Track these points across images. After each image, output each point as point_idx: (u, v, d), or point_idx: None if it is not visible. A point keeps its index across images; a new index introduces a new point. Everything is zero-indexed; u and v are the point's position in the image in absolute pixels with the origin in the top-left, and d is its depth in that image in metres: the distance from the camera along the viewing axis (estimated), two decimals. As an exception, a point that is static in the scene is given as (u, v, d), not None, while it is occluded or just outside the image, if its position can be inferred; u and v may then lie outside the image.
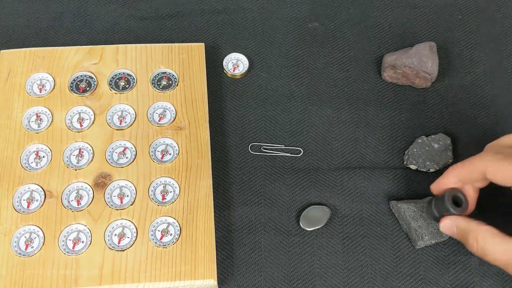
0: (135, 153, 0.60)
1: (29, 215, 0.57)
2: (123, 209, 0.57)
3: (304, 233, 0.61)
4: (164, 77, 0.65)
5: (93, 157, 0.60)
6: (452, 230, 0.54)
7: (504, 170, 0.51)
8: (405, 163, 0.64)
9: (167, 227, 0.57)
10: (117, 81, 0.65)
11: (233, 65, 0.70)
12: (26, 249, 0.55)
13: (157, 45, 0.67)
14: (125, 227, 0.57)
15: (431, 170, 0.63)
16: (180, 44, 0.67)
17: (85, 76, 0.65)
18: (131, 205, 0.58)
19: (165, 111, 0.63)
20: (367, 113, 0.68)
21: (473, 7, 0.75)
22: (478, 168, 0.53)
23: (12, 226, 0.56)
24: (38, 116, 0.62)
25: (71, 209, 0.57)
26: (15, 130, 0.61)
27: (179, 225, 0.57)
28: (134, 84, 0.64)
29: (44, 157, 0.60)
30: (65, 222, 0.57)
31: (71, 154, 0.60)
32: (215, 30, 0.73)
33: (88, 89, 0.64)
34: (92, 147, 0.60)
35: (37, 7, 0.74)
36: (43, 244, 0.55)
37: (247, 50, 0.71)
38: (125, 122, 0.62)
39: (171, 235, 0.57)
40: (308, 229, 0.60)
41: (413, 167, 0.64)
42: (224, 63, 0.70)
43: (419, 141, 0.64)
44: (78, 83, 0.64)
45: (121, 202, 0.58)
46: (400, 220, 0.60)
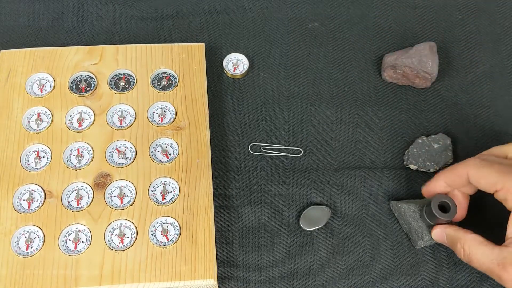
0: (135, 153, 0.60)
1: (29, 215, 0.57)
2: (123, 209, 0.57)
3: (304, 233, 0.61)
4: (164, 77, 0.65)
5: (93, 157, 0.60)
6: (442, 237, 0.56)
7: (485, 176, 0.52)
8: (405, 163, 0.64)
9: (167, 227, 0.57)
10: (117, 81, 0.65)
11: (233, 65, 0.70)
12: (26, 249, 0.55)
13: (157, 45, 0.67)
14: (125, 227, 0.57)
15: (431, 170, 0.63)
16: (180, 44, 0.67)
17: (85, 76, 0.65)
18: (131, 205, 0.58)
19: (165, 111, 0.63)
20: (367, 113, 0.68)
21: (473, 7, 0.75)
22: (462, 173, 0.54)
23: (12, 226, 0.56)
24: (38, 116, 0.62)
25: (71, 209, 0.57)
26: (15, 130, 0.61)
27: (179, 225, 0.57)
28: (134, 84, 0.64)
29: (44, 157, 0.60)
30: (65, 222, 0.57)
31: (71, 154, 0.60)
32: (215, 30, 0.73)
33: (88, 89, 0.64)
34: (92, 147, 0.60)
35: (37, 7, 0.74)
36: (43, 244, 0.55)
37: (247, 50, 0.71)
38: (125, 122, 0.62)
39: (171, 235, 0.57)
40: (308, 229, 0.60)
41: (413, 167, 0.64)
42: (224, 63, 0.70)
43: (419, 141, 0.64)
44: (78, 83, 0.64)
45: (121, 202, 0.58)
46: (400, 220, 0.60)
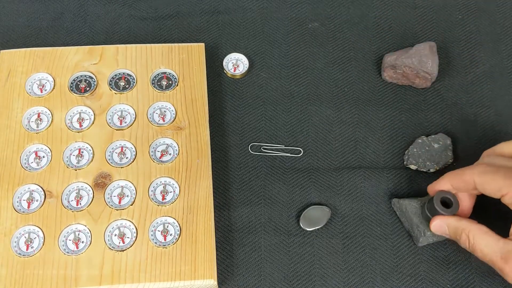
0: (135, 153, 0.60)
1: (29, 215, 0.57)
2: (123, 209, 0.57)
3: (304, 233, 0.61)
4: (164, 77, 0.65)
5: (93, 157, 0.60)
6: (442, 229, 0.55)
7: (491, 183, 0.52)
8: (405, 163, 0.64)
9: (167, 227, 0.57)
10: (117, 81, 0.65)
11: (233, 65, 0.70)
12: (26, 249, 0.55)
13: (157, 45, 0.67)
14: (125, 227, 0.57)
15: (431, 170, 0.63)
16: (180, 44, 0.67)
17: (85, 76, 0.65)
18: (131, 205, 0.58)
19: (165, 111, 0.63)
20: (367, 113, 0.68)
21: (473, 7, 0.75)
22: (468, 180, 0.54)
23: (12, 226, 0.56)
24: (38, 116, 0.62)
25: (71, 209, 0.57)
26: (15, 130, 0.61)
27: (179, 225, 0.57)
28: (134, 84, 0.64)
29: (44, 157, 0.60)
30: (65, 222, 0.57)
31: (71, 154, 0.60)
32: (215, 30, 0.73)
33: (88, 89, 0.64)
34: (92, 147, 0.60)
35: (37, 7, 0.74)
36: (43, 244, 0.55)
37: (247, 50, 0.71)
38: (125, 122, 0.62)
39: (171, 235, 0.57)
40: (308, 229, 0.60)
41: (413, 167, 0.63)
42: (224, 63, 0.70)
43: (419, 141, 0.64)
44: (78, 83, 0.64)
45: (121, 202, 0.58)
46: (402, 218, 0.60)
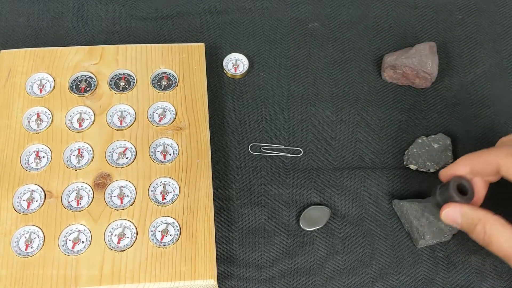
0: (135, 153, 0.60)
1: (29, 215, 0.57)
2: (123, 209, 0.57)
3: (304, 233, 0.61)
4: (164, 77, 0.65)
5: (93, 157, 0.60)
6: (454, 218, 0.51)
7: None
8: (405, 163, 0.64)
9: (167, 227, 0.57)
10: (117, 81, 0.65)
11: (233, 65, 0.70)
12: (26, 249, 0.55)
13: (157, 45, 0.67)
14: (125, 227, 0.57)
15: (431, 170, 0.63)
16: (180, 44, 0.67)
17: (85, 76, 0.65)
18: (131, 205, 0.58)
19: (165, 111, 0.63)
20: (367, 113, 0.68)
21: (473, 7, 0.75)
22: (492, 162, 0.51)
23: (12, 226, 0.56)
24: (38, 116, 0.62)
25: (71, 209, 0.57)
26: (15, 130, 0.61)
27: (179, 225, 0.57)
28: (134, 84, 0.64)
29: (44, 157, 0.60)
30: (65, 222, 0.57)
31: (71, 154, 0.60)
32: (215, 30, 0.73)
33: (88, 89, 0.64)
34: (92, 147, 0.60)
35: (37, 7, 0.74)
36: (43, 244, 0.55)
37: (247, 50, 0.71)
38: (125, 122, 0.62)
39: (171, 235, 0.57)
40: (308, 229, 0.60)
41: (413, 167, 0.64)
42: (224, 63, 0.70)
43: (419, 141, 0.64)
44: (78, 83, 0.64)
45: (121, 202, 0.58)
46: (402, 219, 0.60)
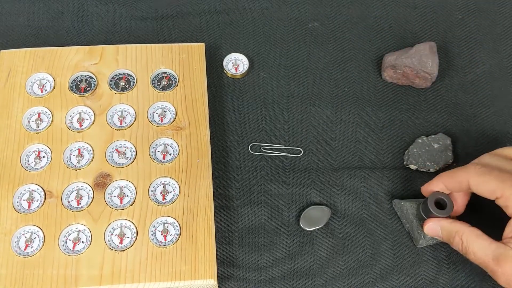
0: (135, 153, 0.60)
1: (29, 215, 0.57)
2: (123, 209, 0.57)
3: (304, 233, 0.61)
4: (164, 77, 0.65)
5: (93, 157, 0.60)
6: (436, 231, 0.55)
7: (485, 184, 0.52)
8: (405, 163, 0.64)
9: (167, 227, 0.57)
10: (117, 81, 0.65)
11: (233, 65, 0.70)
12: (26, 249, 0.55)
13: (157, 45, 0.67)
14: (125, 227, 0.57)
15: (431, 170, 0.63)
16: (180, 44, 0.67)
17: (85, 76, 0.65)
18: (131, 205, 0.58)
19: (165, 111, 0.63)
20: (367, 113, 0.68)
21: (473, 7, 0.75)
22: (462, 180, 0.54)
23: (12, 226, 0.56)
24: (38, 116, 0.62)
25: (71, 209, 0.57)
26: (15, 130, 0.61)
27: (179, 225, 0.57)
28: (134, 84, 0.64)
29: (44, 157, 0.60)
30: (65, 222, 0.57)
31: (71, 154, 0.60)
32: (215, 30, 0.73)
33: (88, 89, 0.64)
34: (92, 147, 0.60)
35: (37, 7, 0.74)
36: (43, 244, 0.55)
37: (247, 50, 0.71)
38: (125, 122, 0.62)
39: (171, 235, 0.57)
40: (308, 229, 0.60)
41: (413, 167, 0.64)
42: (224, 63, 0.70)
43: (419, 141, 0.64)
44: (78, 83, 0.64)
45: (121, 202, 0.58)
46: (402, 219, 0.60)
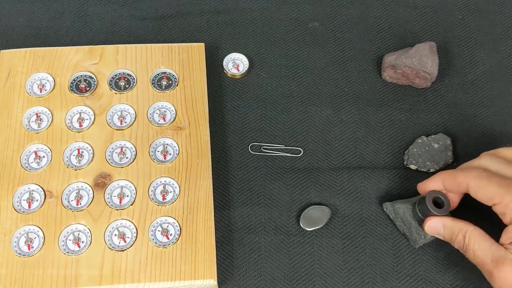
0: (135, 153, 0.60)
1: (29, 215, 0.57)
2: (123, 209, 0.57)
3: (304, 233, 0.61)
4: (164, 77, 0.65)
5: (93, 157, 0.60)
6: (437, 229, 0.55)
7: (485, 190, 0.52)
8: (405, 163, 0.64)
9: (167, 227, 0.57)
10: (117, 81, 0.65)
11: (233, 65, 0.70)
12: (27, 249, 0.55)
13: (157, 45, 0.67)
14: (125, 227, 0.57)
15: (431, 170, 0.63)
16: (180, 44, 0.67)
17: (85, 76, 0.65)
18: (131, 205, 0.58)
19: (165, 111, 0.63)
20: (367, 113, 0.68)
21: (473, 7, 0.75)
22: (462, 183, 0.54)
23: (12, 226, 0.56)
24: (38, 116, 0.62)
25: (71, 209, 0.57)
26: (15, 130, 0.61)
27: (179, 225, 0.57)
28: (134, 84, 0.64)
29: (44, 157, 0.60)
30: (65, 222, 0.57)
31: (71, 154, 0.60)
32: (215, 30, 0.73)
33: (88, 89, 0.64)
34: (92, 147, 0.60)
35: (37, 7, 0.74)
36: (43, 244, 0.55)
37: (247, 50, 0.71)
38: (125, 122, 0.62)
39: (171, 235, 0.57)
40: (308, 229, 0.60)
41: (413, 167, 0.63)
42: (224, 63, 0.70)
43: (419, 141, 0.64)
44: (78, 83, 0.64)
45: (121, 202, 0.58)
46: (397, 221, 0.60)
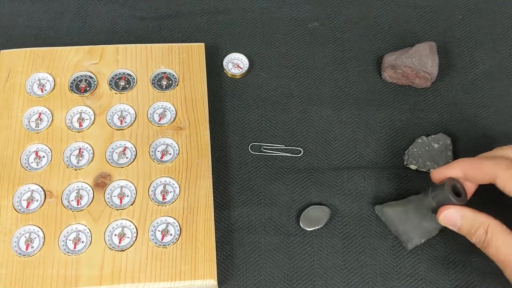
0: (135, 153, 0.60)
1: (29, 215, 0.57)
2: (123, 209, 0.57)
3: (304, 233, 0.61)
4: (164, 77, 0.65)
5: (93, 157, 0.60)
6: (454, 221, 0.51)
7: None
8: (405, 163, 0.64)
9: (167, 227, 0.57)
10: (117, 81, 0.65)
11: (233, 65, 0.70)
12: (26, 249, 0.55)
13: (157, 45, 0.67)
14: (125, 227, 0.57)
15: (431, 170, 0.63)
16: (180, 44, 0.67)
17: (85, 76, 0.65)
18: (131, 205, 0.58)
19: (165, 111, 0.63)
20: (367, 113, 0.68)
21: (473, 7, 0.75)
22: (489, 172, 0.50)
23: (12, 226, 0.56)
24: (39, 116, 0.62)
25: (71, 209, 0.57)
26: (15, 130, 0.61)
27: (179, 225, 0.57)
28: (134, 84, 0.64)
29: (44, 157, 0.60)
30: (65, 222, 0.57)
31: (71, 154, 0.60)
32: (215, 30, 0.73)
33: (88, 89, 0.64)
34: (92, 147, 0.60)
35: (37, 7, 0.74)
36: (43, 244, 0.55)
37: (247, 50, 0.71)
38: (125, 122, 0.62)
39: (171, 235, 0.57)
40: (308, 229, 0.60)
41: (413, 167, 0.64)
42: (224, 63, 0.70)
43: (419, 141, 0.64)
44: (78, 83, 0.64)
45: (121, 202, 0.58)
46: (388, 224, 0.60)
